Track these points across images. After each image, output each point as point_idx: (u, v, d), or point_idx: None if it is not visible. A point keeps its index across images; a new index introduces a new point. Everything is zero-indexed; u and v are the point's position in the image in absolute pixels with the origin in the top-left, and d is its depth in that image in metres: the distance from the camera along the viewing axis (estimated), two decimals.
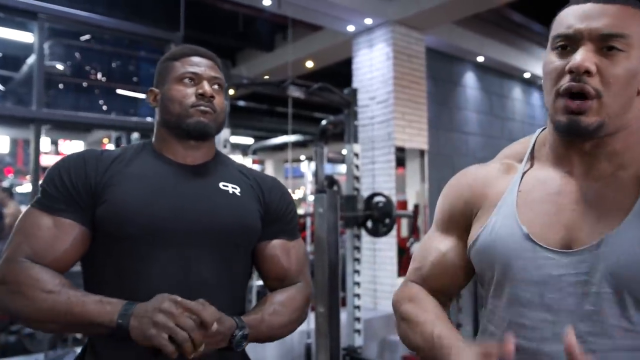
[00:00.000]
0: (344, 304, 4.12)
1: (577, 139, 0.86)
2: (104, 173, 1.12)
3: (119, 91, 6.09)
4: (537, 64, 8.31)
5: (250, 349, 1.16)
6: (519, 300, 0.87)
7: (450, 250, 1.02)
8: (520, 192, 0.92)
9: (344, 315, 3.74)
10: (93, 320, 0.98)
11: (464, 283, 1.05)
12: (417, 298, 1.02)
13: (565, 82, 0.82)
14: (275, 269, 1.24)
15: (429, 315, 0.96)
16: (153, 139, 1.24)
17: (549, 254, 0.84)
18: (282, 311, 1.18)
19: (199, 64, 1.20)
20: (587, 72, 0.80)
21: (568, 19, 0.84)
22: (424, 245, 1.08)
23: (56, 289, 1.01)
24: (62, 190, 1.09)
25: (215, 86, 1.20)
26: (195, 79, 1.18)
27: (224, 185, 1.20)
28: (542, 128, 1.00)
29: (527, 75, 8.41)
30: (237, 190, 1.21)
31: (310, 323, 3.76)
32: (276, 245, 1.25)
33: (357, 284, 4.22)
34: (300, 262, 1.28)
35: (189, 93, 1.17)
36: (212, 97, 1.17)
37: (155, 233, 1.08)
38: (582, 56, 0.80)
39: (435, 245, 1.05)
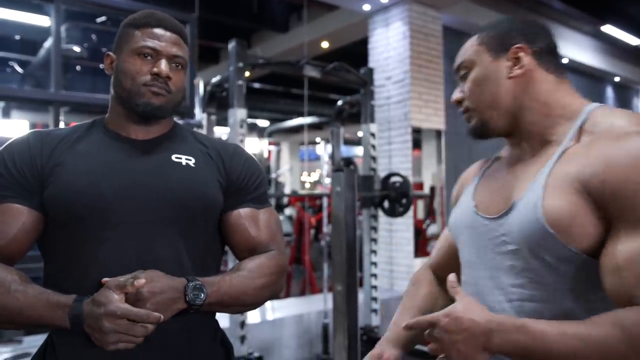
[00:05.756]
0: (361, 284, 4.14)
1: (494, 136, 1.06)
2: (50, 154, 1.08)
3: None
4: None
5: (268, 328, 1.16)
6: (466, 262, 1.06)
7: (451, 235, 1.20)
8: (482, 177, 1.11)
9: (361, 295, 3.76)
10: (48, 323, 0.97)
11: None
12: (417, 282, 1.25)
13: None
14: (243, 238, 1.18)
15: (408, 302, 1.20)
16: (107, 113, 1.18)
17: (485, 221, 1.00)
18: (247, 275, 1.12)
19: (161, 39, 1.10)
20: (458, 103, 1.06)
21: None
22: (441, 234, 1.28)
23: (5, 287, 0.97)
24: (7, 177, 1.05)
25: (175, 65, 1.12)
26: (154, 55, 1.09)
27: (176, 158, 1.14)
28: None
29: None
30: (192, 162, 1.15)
31: (327, 303, 3.79)
32: (242, 214, 1.18)
33: (374, 264, 4.23)
34: (271, 230, 1.21)
35: (144, 70, 1.08)
36: (169, 77, 1.09)
37: (103, 212, 1.04)
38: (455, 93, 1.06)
39: (444, 232, 1.25)
